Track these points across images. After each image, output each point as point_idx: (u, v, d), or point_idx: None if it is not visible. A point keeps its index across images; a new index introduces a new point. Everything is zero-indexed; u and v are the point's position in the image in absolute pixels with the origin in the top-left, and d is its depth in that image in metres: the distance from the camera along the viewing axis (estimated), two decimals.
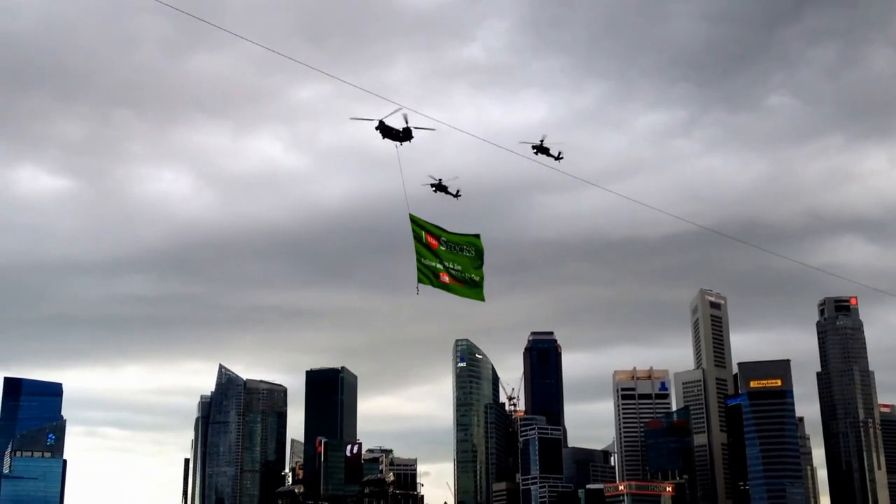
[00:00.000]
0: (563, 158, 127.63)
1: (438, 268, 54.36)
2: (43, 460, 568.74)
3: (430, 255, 54.17)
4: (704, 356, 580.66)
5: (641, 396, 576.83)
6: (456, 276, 54.95)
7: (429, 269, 54.04)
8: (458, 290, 55.08)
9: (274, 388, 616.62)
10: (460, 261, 55.24)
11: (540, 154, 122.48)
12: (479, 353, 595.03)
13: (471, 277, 55.57)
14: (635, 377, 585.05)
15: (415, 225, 54.16)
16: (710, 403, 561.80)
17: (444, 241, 54.77)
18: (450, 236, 55.10)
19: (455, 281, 54.93)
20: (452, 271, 54.81)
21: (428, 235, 54.34)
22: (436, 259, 54.32)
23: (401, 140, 72.98)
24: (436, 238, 54.48)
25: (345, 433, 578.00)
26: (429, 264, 54.08)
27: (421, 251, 53.89)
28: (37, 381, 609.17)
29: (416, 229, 54.09)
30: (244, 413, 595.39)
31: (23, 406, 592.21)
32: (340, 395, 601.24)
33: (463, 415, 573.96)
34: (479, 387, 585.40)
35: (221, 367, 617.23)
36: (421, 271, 53.73)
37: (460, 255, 55.24)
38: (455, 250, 55.11)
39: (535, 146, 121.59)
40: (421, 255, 53.89)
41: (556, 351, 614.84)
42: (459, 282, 55.12)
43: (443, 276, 54.55)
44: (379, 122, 71.78)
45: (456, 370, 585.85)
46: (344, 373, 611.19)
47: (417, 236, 53.98)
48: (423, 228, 54.31)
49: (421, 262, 53.80)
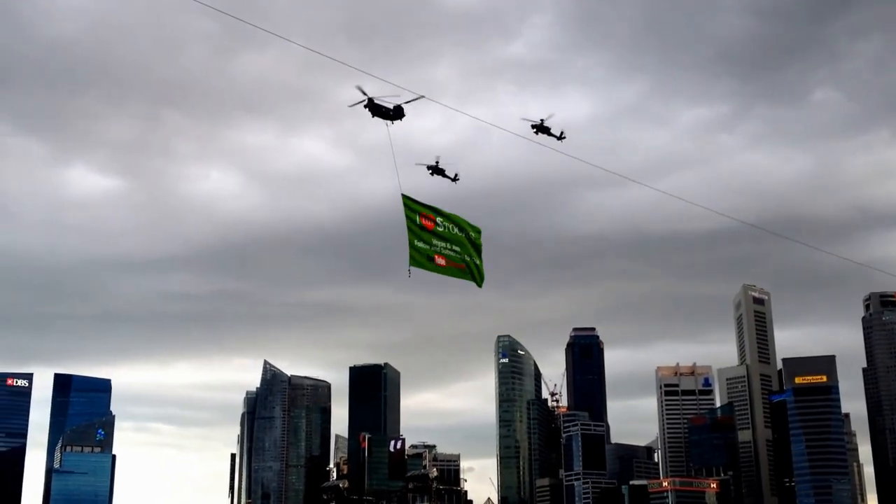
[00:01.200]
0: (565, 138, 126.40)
1: (434, 250, 51.81)
2: (92, 455, 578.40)
3: (426, 236, 51.63)
4: (748, 352, 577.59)
5: (685, 392, 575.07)
6: (453, 259, 52.53)
7: (422, 251, 51.43)
8: (455, 273, 52.61)
9: (318, 383, 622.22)
10: (458, 243, 52.84)
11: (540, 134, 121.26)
12: (521, 348, 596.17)
13: (471, 260, 53.23)
14: (678, 373, 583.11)
15: (407, 206, 51.59)
16: (755, 399, 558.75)
17: (440, 222, 52.42)
18: (446, 219, 52.76)
19: (452, 263, 52.49)
20: (449, 253, 52.33)
21: (422, 217, 51.82)
22: (431, 241, 51.74)
23: (391, 118, 70.43)
24: (431, 220, 52.08)
25: (388, 429, 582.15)
26: (422, 246, 51.44)
27: (414, 232, 51.33)
28: (86, 378, 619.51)
29: (408, 211, 51.48)
30: (289, 409, 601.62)
31: (73, 402, 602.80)
32: (384, 390, 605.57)
33: (505, 410, 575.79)
34: (521, 383, 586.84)
35: (266, 363, 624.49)
36: (413, 254, 51.10)
37: (458, 236, 52.90)
38: (453, 232, 52.69)
39: (534, 125, 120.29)
40: (414, 237, 51.30)
41: (598, 347, 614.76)
42: (457, 264, 52.69)
43: (438, 259, 51.99)
44: (368, 99, 69.61)
45: (498, 366, 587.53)
46: (387, 369, 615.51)
47: (410, 217, 51.37)
48: (416, 210, 51.75)
49: (414, 244, 51.15)
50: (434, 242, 51.51)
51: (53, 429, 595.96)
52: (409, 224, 50.95)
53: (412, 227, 51.06)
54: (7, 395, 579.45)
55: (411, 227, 51.02)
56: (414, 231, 51.11)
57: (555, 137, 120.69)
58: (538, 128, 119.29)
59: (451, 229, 52.58)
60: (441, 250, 51.80)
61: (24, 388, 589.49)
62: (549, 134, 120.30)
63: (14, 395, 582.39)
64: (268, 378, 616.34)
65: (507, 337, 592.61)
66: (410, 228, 50.93)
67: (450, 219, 52.64)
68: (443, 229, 52.05)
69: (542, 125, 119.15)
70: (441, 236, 51.91)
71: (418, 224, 51.27)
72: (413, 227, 51.08)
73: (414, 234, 51.08)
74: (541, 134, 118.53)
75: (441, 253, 51.86)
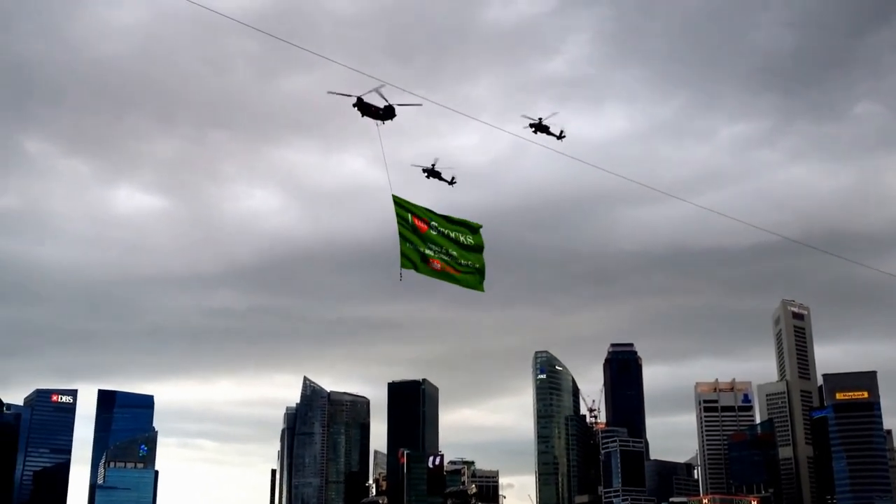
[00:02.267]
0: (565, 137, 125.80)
1: (428, 253, 49.05)
2: (135, 471, 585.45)
3: (418, 239, 48.90)
4: (788, 368, 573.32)
5: (724, 409, 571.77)
6: (449, 264, 49.51)
7: (415, 253, 48.74)
8: (452, 278, 49.66)
9: (357, 399, 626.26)
10: (455, 247, 49.88)
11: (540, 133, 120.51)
12: (558, 364, 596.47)
13: (470, 264, 50.09)
14: (717, 389, 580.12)
15: (399, 207, 49.06)
16: (795, 416, 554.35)
17: (434, 225, 49.53)
18: (442, 221, 49.92)
19: (449, 268, 49.50)
20: (444, 257, 49.40)
21: (415, 218, 49.19)
22: (424, 243, 49.04)
23: (382, 118, 68.78)
24: (425, 221, 49.36)
25: (427, 445, 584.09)
26: (415, 249, 48.80)
27: (406, 235, 48.73)
28: (130, 394, 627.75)
29: (400, 211, 48.98)
30: (328, 425, 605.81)
31: (116, 418, 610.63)
32: (422, 406, 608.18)
33: (544, 427, 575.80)
34: (559, 399, 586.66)
35: (306, 379, 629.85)
36: (405, 256, 48.49)
37: (455, 238, 50.05)
38: (449, 236, 49.83)
39: (533, 124, 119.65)
40: (406, 239, 48.65)
41: (636, 362, 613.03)
42: (453, 269, 49.62)
43: (433, 263, 49.15)
44: (357, 98, 67.99)
45: (536, 382, 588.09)
46: (425, 385, 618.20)
47: (402, 218, 48.87)
48: (408, 210, 49.19)
49: (406, 245, 48.56)
50: (428, 245, 49.21)
51: (97, 445, 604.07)
52: (400, 225, 48.80)
53: (404, 228, 48.81)
54: (52, 412, 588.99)
55: (403, 229, 48.78)
56: (406, 233, 48.83)
57: (554, 136, 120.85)
58: (537, 127, 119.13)
59: (447, 232, 49.91)
60: (436, 254, 49.35)
61: (69, 405, 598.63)
62: (549, 133, 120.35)
63: (59, 412, 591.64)
64: (307, 394, 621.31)
65: (544, 353, 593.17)
66: (402, 230, 48.77)
67: (446, 220, 50.11)
68: (436, 233, 49.56)
69: (540, 124, 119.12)
70: (435, 240, 49.44)
71: (411, 225, 48.95)
72: (405, 228, 48.82)
73: (406, 235, 48.82)
74: (540, 133, 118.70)
75: (436, 257, 49.37)
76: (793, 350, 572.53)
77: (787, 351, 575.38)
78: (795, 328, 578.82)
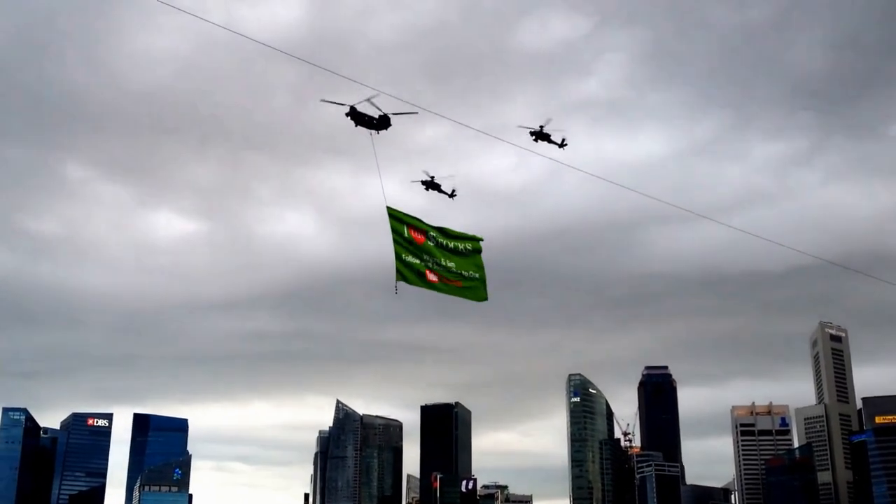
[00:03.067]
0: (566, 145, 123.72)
1: (425, 265, 47.51)
2: (170, 494, 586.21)
3: (414, 251, 47.45)
4: (826, 391, 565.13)
5: (761, 432, 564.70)
6: (447, 276, 48.04)
7: (412, 266, 47.14)
8: (450, 290, 48.13)
9: (390, 423, 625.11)
10: (453, 257, 48.43)
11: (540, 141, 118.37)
12: (592, 387, 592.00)
13: (469, 274, 48.55)
14: (754, 412, 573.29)
15: (393, 219, 47.67)
16: (834, 440, 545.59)
17: (431, 236, 48.16)
18: (439, 233, 48.55)
19: (447, 280, 48.02)
20: (441, 269, 47.89)
21: (411, 230, 47.77)
22: (421, 255, 47.54)
23: (376, 128, 67.52)
24: (421, 233, 47.96)
25: (460, 468, 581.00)
26: (412, 261, 47.23)
27: (402, 246, 47.31)
28: (164, 417, 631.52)
29: (395, 224, 47.56)
30: (361, 448, 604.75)
31: (151, 441, 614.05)
32: (455, 430, 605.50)
33: (577, 450, 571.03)
34: (593, 422, 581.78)
35: (339, 402, 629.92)
36: (401, 269, 46.85)
37: (454, 250, 48.62)
38: (447, 246, 48.44)
39: (533, 132, 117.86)
40: (402, 251, 47.17)
41: (670, 385, 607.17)
42: (452, 280, 48.19)
43: (430, 275, 47.64)
44: (350, 108, 66.67)
45: (570, 405, 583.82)
46: (458, 408, 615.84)
47: (397, 231, 47.43)
48: (404, 222, 47.78)
49: (402, 257, 47.00)
50: (424, 257, 47.70)
51: (132, 468, 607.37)
52: (395, 238, 47.31)
53: (399, 240, 47.33)
54: (88, 435, 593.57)
55: (398, 241, 47.30)
56: (401, 245, 47.30)
57: (556, 145, 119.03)
58: (537, 135, 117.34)
59: (446, 243, 48.52)
60: (433, 266, 47.84)
61: (104, 428, 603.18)
62: (550, 141, 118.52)
63: (95, 435, 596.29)
64: (340, 417, 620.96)
65: (578, 375, 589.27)
66: (397, 242, 47.29)
67: (443, 232, 48.71)
68: (434, 244, 48.17)
69: (541, 132, 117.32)
70: (432, 252, 48.03)
71: (406, 237, 47.46)
72: (400, 240, 47.32)
73: (401, 248, 47.27)
74: (540, 141, 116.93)
75: (433, 269, 47.82)
76: (831, 373, 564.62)
77: (825, 374, 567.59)
78: (833, 350, 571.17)
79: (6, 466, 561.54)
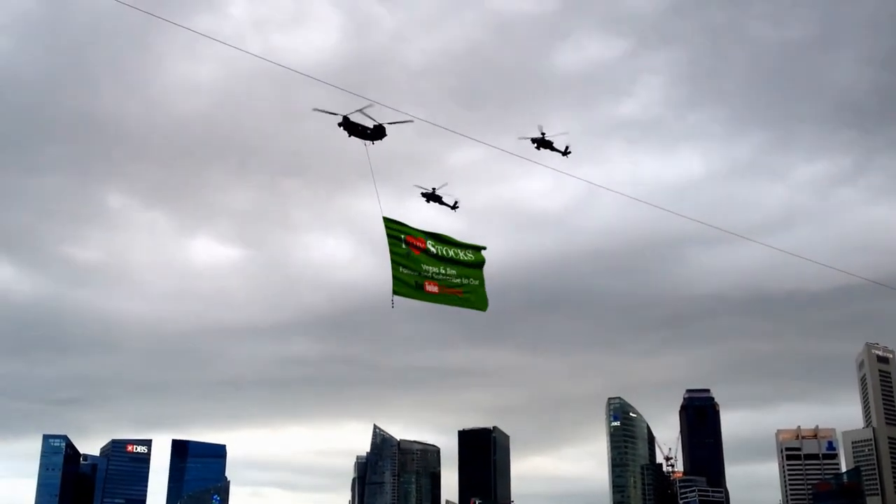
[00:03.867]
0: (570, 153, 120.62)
1: (424, 276, 46.28)
2: None
3: (413, 261, 46.25)
4: (874, 413, 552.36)
5: (808, 457, 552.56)
6: (448, 284, 46.81)
7: (409, 278, 45.91)
8: (452, 300, 47.20)
9: (427, 448, 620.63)
10: (453, 266, 47.19)
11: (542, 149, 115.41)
12: (632, 411, 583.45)
13: (469, 282, 47.42)
14: (800, 436, 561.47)
15: (390, 229, 46.49)
16: (883, 464, 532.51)
17: (431, 245, 46.94)
18: (438, 241, 47.32)
19: (447, 289, 46.83)
20: (442, 278, 46.73)
21: (410, 238, 46.61)
22: (419, 266, 46.35)
23: (371, 138, 66.24)
24: (421, 243, 46.85)
25: (499, 494, 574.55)
26: (408, 273, 45.98)
27: (399, 258, 46.01)
28: (202, 443, 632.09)
29: (391, 233, 46.40)
30: (399, 474, 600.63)
31: (189, 468, 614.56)
32: (493, 454, 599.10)
33: (619, 476, 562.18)
34: (633, 446, 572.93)
35: (376, 427, 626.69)
36: (398, 281, 45.56)
37: (454, 258, 47.36)
38: (447, 255, 47.18)
39: (535, 139, 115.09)
40: (399, 263, 45.87)
41: (713, 409, 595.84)
42: (452, 289, 47.00)
43: (429, 286, 46.42)
44: (343, 118, 65.55)
45: (610, 429, 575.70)
46: (496, 432, 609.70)
47: (395, 239, 46.30)
48: (402, 233, 46.65)
49: (399, 270, 45.68)
50: (424, 268, 46.46)
51: (171, 494, 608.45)
52: (391, 249, 46.12)
53: (396, 252, 46.15)
54: (127, 462, 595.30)
55: (395, 253, 46.10)
56: (398, 256, 46.11)
57: (559, 153, 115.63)
58: (539, 142, 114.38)
59: (445, 251, 47.30)
60: (433, 276, 46.62)
61: (144, 455, 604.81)
62: (553, 149, 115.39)
63: (134, 462, 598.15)
64: (377, 443, 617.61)
65: (617, 399, 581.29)
66: (394, 254, 46.09)
67: (442, 240, 47.51)
68: (434, 252, 46.95)
69: (543, 139, 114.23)
70: (431, 261, 46.83)
71: (404, 248, 46.37)
72: (398, 251, 46.18)
73: (398, 260, 46.08)
74: (543, 149, 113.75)
75: (433, 279, 46.60)
76: (878, 395, 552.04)
77: (872, 396, 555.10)
78: (881, 372, 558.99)
79: (47, 493, 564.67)
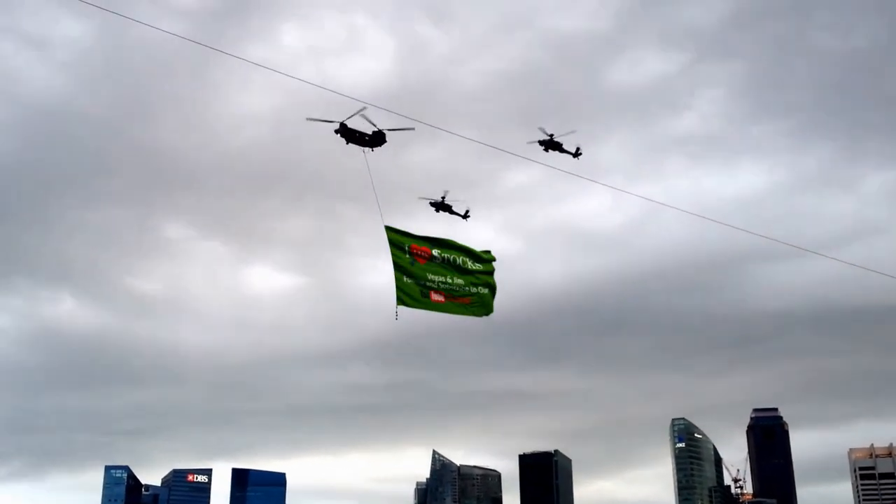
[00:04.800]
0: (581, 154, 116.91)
1: (429, 285, 45.20)
2: None
3: (418, 270, 45.07)
4: None
5: (882, 476, 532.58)
6: (455, 293, 45.79)
7: (413, 288, 44.78)
8: (457, 309, 46.26)
9: (488, 473, 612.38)
10: (459, 274, 46.06)
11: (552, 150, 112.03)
12: (698, 432, 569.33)
13: (478, 290, 46.31)
14: (874, 455, 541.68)
15: (393, 238, 45.34)
16: None
17: (437, 253, 45.79)
18: (444, 249, 46.04)
19: (454, 298, 45.80)
20: (449, 287, 45.68)
21: (414, 247, 45.44)
22: (424, 275, 45.17)
23: (370, 145, 65.98)
24: (426, 251, 45.59)
25: None
26: (412, 283, 44.84)
27: (403, 268, 44.87)
28: (262, 472, 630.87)
29: (395, 242, 45.23)
30: (459, 499, 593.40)
31: (250, 496, 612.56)
32: (555, 479, 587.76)
33: (685, 499, 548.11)
34: (700, 468, 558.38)
35: (435, 452, 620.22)
36: (402, 291, 44.45)
37: (460, 268, 46.16)
38: (454, 263, 46.07)
39: (542, 141, 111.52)
40: (402, 273, 44.79)
41: (782, 428, 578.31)
42: (460, 298, 45.95)
43: (435, 296, 45.39)
44: (340, 124, 64.72)
45: (675, 451, 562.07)
46: (558, 456, 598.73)
47: (398, 249, 45.03)
48: (406, 242, 45.42)
49: (403, 280, 44.58)
50: (429, 277, 45.14)
51: None
52: (395, 259, 44.90)
53: (400, 261, 44.99)
54: (188, 491, 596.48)
55: (399, 263, 44.94)
56: (402, 266, 44.98)
57: (570, 154, 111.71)
58: (548, 144, 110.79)
59: (452, 257, 46.23)
60: (438, 285, 45.36)
61: (204, 484, 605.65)
62: (563, 150, 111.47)
63: (195, 491, 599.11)
64: (437, 468, 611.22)
65: (682, 420, 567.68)
66: (397, 264, 44.86)
67: (450, 246, 46.23)
68: (440, 261, 45.85)
69: (551, 141, 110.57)
70: (437, 270, 45.66)
71: (409, 258, 45.18)
72: (402, 261, 44.99)
73: (402, 269, 44.96)
74: (552, 151, 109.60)
75: (439, 288, 45.43)
76: None
77: None
78: None
79: None
